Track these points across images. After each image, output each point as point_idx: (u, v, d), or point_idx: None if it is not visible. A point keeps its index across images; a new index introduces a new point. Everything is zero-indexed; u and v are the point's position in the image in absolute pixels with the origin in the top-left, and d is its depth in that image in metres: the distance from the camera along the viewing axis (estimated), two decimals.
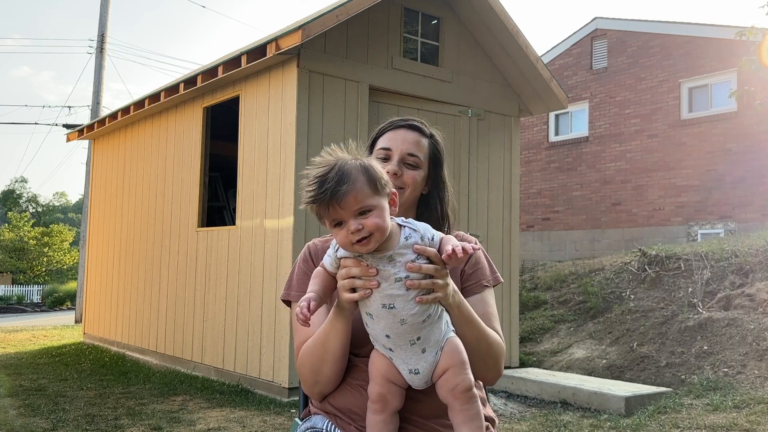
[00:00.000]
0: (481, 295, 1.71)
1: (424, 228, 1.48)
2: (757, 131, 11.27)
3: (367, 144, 1.82)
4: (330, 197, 1.37)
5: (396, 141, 1.79)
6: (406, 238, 1.44)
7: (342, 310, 1.48)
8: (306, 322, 1.39)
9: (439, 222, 1.81)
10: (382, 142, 1.81)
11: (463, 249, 1.39)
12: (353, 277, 1.42)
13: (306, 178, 1.43)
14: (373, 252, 1.42)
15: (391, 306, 1.41)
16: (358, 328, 1.53)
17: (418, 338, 1.45)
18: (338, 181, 1.38)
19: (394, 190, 1.50)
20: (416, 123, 1.83)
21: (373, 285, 1.40)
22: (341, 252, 1.45)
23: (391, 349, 1.47)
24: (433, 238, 1.47)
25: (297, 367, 1.64)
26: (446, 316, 1.51)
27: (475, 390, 1.49)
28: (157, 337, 7.63)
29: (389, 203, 1.46)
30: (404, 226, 1.46)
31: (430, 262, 1.43)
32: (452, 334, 1.51)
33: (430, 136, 1.84)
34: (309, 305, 1.40)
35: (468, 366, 1.49)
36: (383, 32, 6.29)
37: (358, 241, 1.38)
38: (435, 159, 1.83)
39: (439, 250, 1.45)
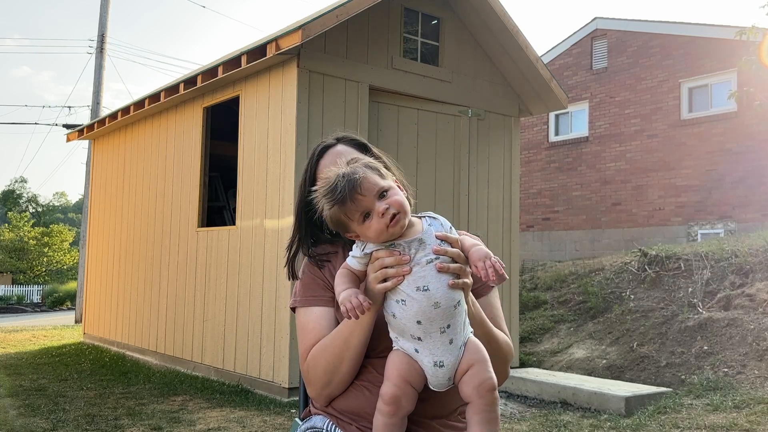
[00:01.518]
0: (488, 298, 1.72)
1: (442, 218, 1.54)
2: (757, 131, 11.27)
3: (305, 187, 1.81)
4: (350, 190, 1.45)
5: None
6: (430, 225, 1.50)
7: (372, 303, 1.49)
8: (368, 310, 1.43)
9: None
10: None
11: (495, 272, 1.43)
12: (385, 268, 1.45)
13: (318, 196, 1.50)
14: (403, 237, 1.47)
15: (426, 288, 1.43)
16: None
17: (448, 326, 1.45)
18: (349, 178, 1.46)
19: (396, 179, 1.59)
20: (321, 146, 1.88)
21: (406, 271, 1.44)
22: (370, 247, 1.49)
23: (419, 339, 1.46)
24: (451, 228, 1.53)
25: (305, 370, 1.62)
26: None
27: (497, 392, 1.49)
28: (157, 337, 7.63)
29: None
30: (424, 216, 1.53)
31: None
32: (471, 332, 1.52)
33: (338, 141, 1.88)
34: (359, 296, 1.43)
35: (490, 364, 1.49)
36: (383, 32, 6.29)
37: (391, 219, 1.44)
38: (362, 147, 1.87)
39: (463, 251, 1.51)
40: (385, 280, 1.45)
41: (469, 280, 1.48)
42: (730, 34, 10.36)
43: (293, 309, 1.73)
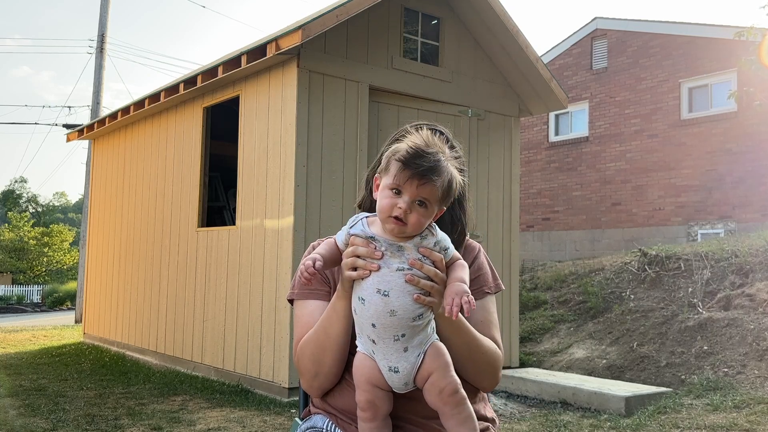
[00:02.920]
0: (482, 302, 1.70)
1: (443, 237, 1.51)
2: (757, 131, 11.28)
3: (385, 148, 1.63)
4: (419, 172, 1.43)
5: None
6: (422, 238, 1.48)
7: (344, 290, 1.50)
8: (310, 280, 1.44)
9: (457, 232, 1.70)
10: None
11: (460, 310, 1.41)
12: (357, 256, 1.45)
13: (408, 138, 1.49)
14: (388, 237, 1.46)
15: (385, 293, 1.43)
16: None
17: (403, 335, 1.45)
18: (434, 167, 1.44)
19: (444, 207, 1.53)
20: (438, 128, 1.70)
21: (373, 267, 1.43)
22: (355, 229, 1.48)
23: (374, 341, 1.47)
24: (446, 249, 1.50)
25: (296, 361, 1.64)
26: (432, 322, 1.51)
27: (462, 392, 1.48)
28: (157, 337, 7.63)
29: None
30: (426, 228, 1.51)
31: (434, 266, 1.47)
32: (436, 338, 1.51)
33: (448, 140, 1.68)
34: (315, 263, 1.44)
35: (452, 368, 1.48)
36: (383, 32, 6.29)
37: (396, 218, 1.43)
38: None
39: (447, 270, 1.48)
40: (355, 270, 1.45)
41: (437, 300, 1.45)
42: (730, 34, 10.35)
43: (290, 301, 1.74)
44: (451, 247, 1.51)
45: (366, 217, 1.52)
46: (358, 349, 1.52)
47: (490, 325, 1.68)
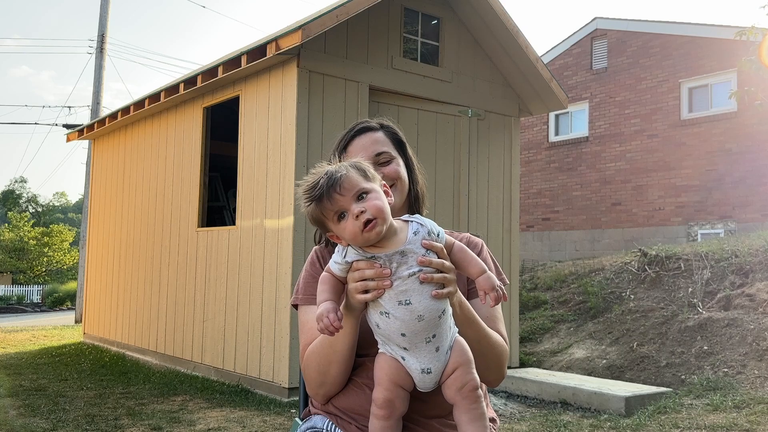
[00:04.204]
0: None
1: (431, 223, 1.50)
2: (757, 131, 11.28)
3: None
4: (328, 188, 1.42)
5: (356, 154, 1.79)
6: (415, 233, 1.45)
7: (352, 310, 1.48)
8: (338, 330, 1.41)
9: (413, 202, 1.85)
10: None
11: (496, 296, 1.44)
12: (366, 279, 1.42)
13: (300, 190, 1.49)
14: (384, 248, 1.43)
15: (408, 302, 1.41)
16: (366, 329, 1.53)
17: (434, 336, 1.44)
18: (331, 175, 1.44)
19: (384, 182, 1.54)
20: (362, 125, 1.88)
21: (387, 285, 1.41)
22: (351, 256, 1.45)
23: (406, 349, 1.46)
24: (439, 234, 1.48)
25: (302, 369, 1.64)
26: (452, 316, 1.51)
27: (480, 390, 1.49)
28: (157, 337, 7.63)
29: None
30: (411, 221, 1.48)
31: (437, 257, 1.46)
32: (456, 331, 1.51)
33: (381, 127, 1.88)
34: (338, 314, 1.41)
35: (474, 365, 1.49)
36: (383, 32, 6.29)
37: (365, 224, 1.40)
38: (399, 144, 1.88)
39: (457, 261, 1.49)
40: (366, 291, 1.42)
41: (453, 289, 1.45)
42: (730, 34, 10.36)
43: (295, 306, 1.74)
44: (442, 230, 1.51)
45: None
46: (380, 351, 1.50)
47: (496, 320, 1.69)
